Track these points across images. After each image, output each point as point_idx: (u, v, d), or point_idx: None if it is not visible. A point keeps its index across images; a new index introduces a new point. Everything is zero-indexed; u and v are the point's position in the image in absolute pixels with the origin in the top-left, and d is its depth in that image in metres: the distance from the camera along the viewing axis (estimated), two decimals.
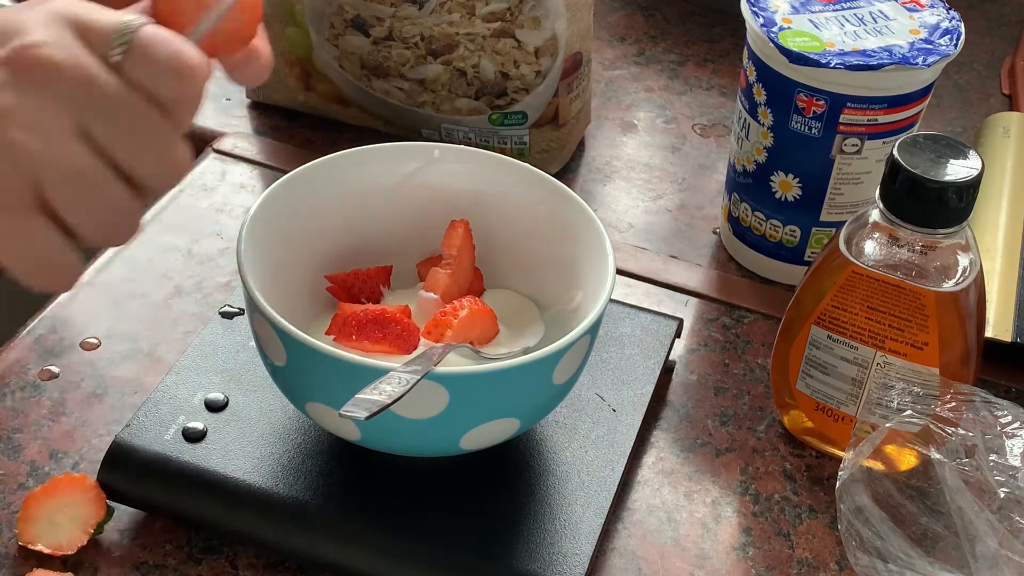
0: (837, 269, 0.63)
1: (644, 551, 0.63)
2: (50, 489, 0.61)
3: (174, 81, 0.46)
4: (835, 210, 0.76)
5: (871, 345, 0.64)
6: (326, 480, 0.61)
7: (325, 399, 0.57)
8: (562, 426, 0.65)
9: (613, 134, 0.94)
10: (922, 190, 0.59)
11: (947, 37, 0.72)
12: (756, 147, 0.76)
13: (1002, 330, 0.73)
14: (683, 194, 0.89)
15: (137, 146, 0.46)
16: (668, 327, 0.72)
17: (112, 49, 0.45)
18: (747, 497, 0.67)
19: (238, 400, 0.65)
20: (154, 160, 0.47)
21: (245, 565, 0.61)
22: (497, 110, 0.85)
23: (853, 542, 0.60)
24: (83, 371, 0.70)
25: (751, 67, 0.75)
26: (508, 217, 0.67)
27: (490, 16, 0.81)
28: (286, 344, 0.56)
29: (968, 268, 0.62)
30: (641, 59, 1.02)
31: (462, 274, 0.65)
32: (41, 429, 0.67)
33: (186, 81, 0.46)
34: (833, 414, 0.67)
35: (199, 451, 0.62)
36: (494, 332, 0.63)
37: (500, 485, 0.62)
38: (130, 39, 0.45)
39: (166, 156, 0.47)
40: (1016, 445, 0.61)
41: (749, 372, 0.74)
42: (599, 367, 0.69)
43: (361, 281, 0.65)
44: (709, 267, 0.82)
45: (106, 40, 0.46)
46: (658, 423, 0.70)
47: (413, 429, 0.56)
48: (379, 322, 0.59)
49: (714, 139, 0.94)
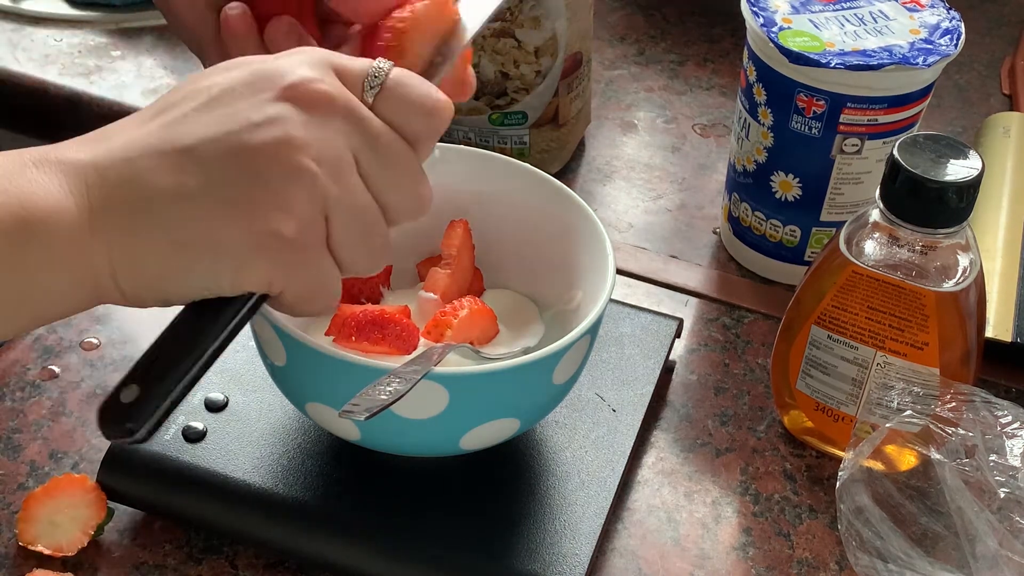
0: (837, 269, 0.63)
1: (644, 551, 0.63)
2: (50, 489, 0.61)
3: (425, 118, 0.49)
4: (835, 210, 0.76)
5: (871, 345, 0.64)
6: (326, 480, 0.61)
7: (325, 399, 0.57)
8: (562, 426, 0.65)
9: (613, 134, 0.94)
10: (922, 190, 0.59)
11: (947, 37, 0.72)
12: (756, 147, 0.76)
13: (1002, 330, 0.73)
14: (683, 194, 0.89)
15: (395, 180, 0.49)
16: (668, 327, 0.72)
17: (366, 92, 0.48)
18: (747, 497, 0.67)
19: (238, 400, 0.65)
20: (407, 194, 0.50)
21: (245, 565, 0.61)
22: (497, 110, 0.85)
23: (853, 542, 0.60)
24: (83, 371, 0.70)
25: (751, 67, 0.75)
26: (508, 217, 0.67)
27: None
28: (286, 344, 0.56)
29: (968, 268, 0.62)
30: (641, 59, 1.02)
31: (462, 274, 0.65)
32: (41, 429, 0.67)
33: (435, 118, 0.49)
34: (833, 414, 0.67)
35: (199, 451, 0.62)
36: (494, 332, 0.63)
37: (500, 485, 0.62)
38: (383, 80, 0.49)
39: (415, 189, 0.50)
40: (1016, 445, 0.61)
41: (749, 372, 0.74)
42: (599, 367, 0.69)
43: (361, 281, 0.65)
44: (709, 267, 0.82)
45: (360, 82, 0.49)
46: (658, 423, 0.70)
47: (413, 429, 0.56)
48: (378, 323, 0.59)
49: (714, 139, 0.94)
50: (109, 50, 0.98)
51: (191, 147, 0.46)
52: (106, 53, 0.98)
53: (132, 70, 0.96)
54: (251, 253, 0.46)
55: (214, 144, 0.46)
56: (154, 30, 1.01)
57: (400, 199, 0.49)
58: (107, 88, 0.94)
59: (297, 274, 0.47)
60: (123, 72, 0.96)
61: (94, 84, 0.95)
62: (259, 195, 0.46)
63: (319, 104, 0.47)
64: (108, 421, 0.46)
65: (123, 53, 0.98)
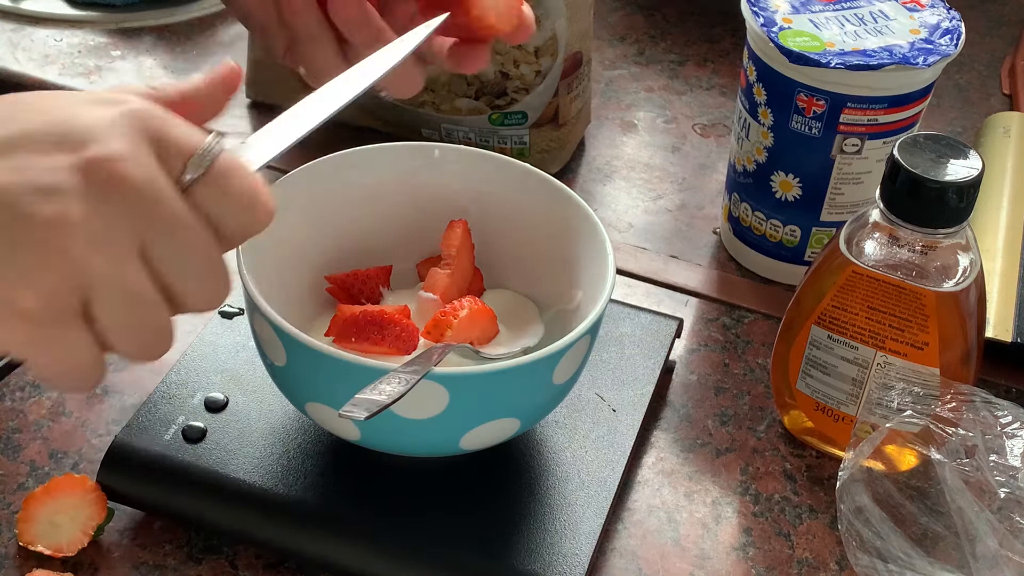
0: (837, 269, 0.63)
1: (644, 551, 0.63)
2: (51, 489, 0.61)
3: (242, 214, 0.46)
4: (835, 210, 0.76)
5: (871, 345, 0.64)
6: (326, 480, 0.61)
7: (325, 399, 0.57)
8: (562, 426, 0.65)
9: (613, 134, 0.94)
10: (922, 190, 0.59)
11: (947, 37, 0.72)
12: (756, 147, 0.76)
13: (1002, 330, 0.73)
14: (683, 194, 0.89)
15: (188, 270, 0.45)
16: (668, 327, 0.72)
17: (186, 172, 0.45)
18: (747, 497, 0.67)
19: (238, 400, 0.65)
20: (198, 287, 0.46)
21: (245, 565, 0.61)
22: (497, 110, 0.85)
23: (853, 542, 0.60)
24: None
25: (751, 67, 0.75)
26: (508, 217, 0.67)
27: None
28: (286, 344, 0.56)
29: (968, 268, 0.62)
30: (641, 59, 1.02)
31: (461, 274, 0.65)
32: (41, 429, 0.67)
33: (252, 216, 0.46)
34: (833, 414, 0.67)
35: (199, 451, 0.62)
36: (494, 332, 0.63)
37: (500, 485, 0.62)
38: (209, 164, 0.45)
39: (213, 281, 0.46)
40: (1016, 445, 0.61)
41: (749, 372, 0.74)
42: (599, 367, 0.69)
43: (361, 281, 0.65)
44: (709, 267, 0.82)
45: (183, 161, 0.45)
46: (658, 423, 0.70)
47: (413, 429, 0.56)
48: (378, 324, 0.59)
49: (714, 139, 0.94)
50: (109, 50, 0.98)
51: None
52: (106, 53, 0.98)
53: (132, 70, 0.96)
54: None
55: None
56: (154, 30, 1.01)
57: (192, 288, 0.46)
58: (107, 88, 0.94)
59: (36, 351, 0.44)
60: (123, 72, 0.96)
61: (94, 84, 0.94)
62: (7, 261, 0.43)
63: (111, 185, 0.43)
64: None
65: (123, 53, 0.98)
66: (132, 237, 0.44)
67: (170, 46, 0.99)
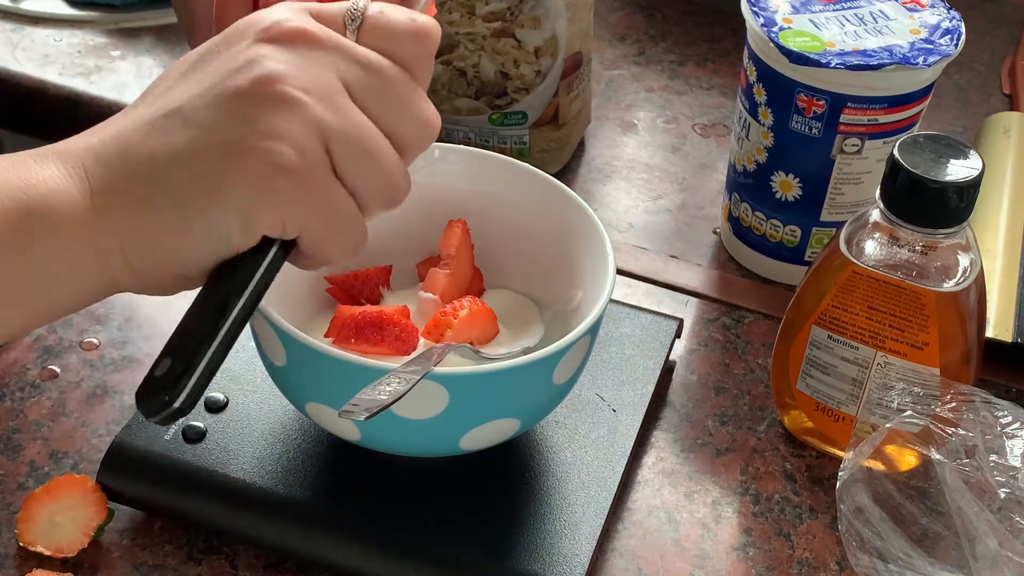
0: (837, 269, 0.63)
1: (644, 551, 0.63)
2: (51, 490, 0.61)
3: (413, 42, 0.49)
4: (835, 210, 0.76)
5: (871, 345, 0.64)
6: (326, 480, 0.61)
7: (325, 399, 0.57)
8: (562, 426, 0.65)
9: (613, 134, 0.94)
10: (922, 190, 0.59)
11: (947, 37, 0.72)
12: (756, 147, 0.76)
13: (1002, 330, 0.73)
14: (683, 194, 0.89)
15: (395, 104, 0.48)
16: (668, 327, 0.72)
17: (348, 29, 0.49)
18: (747, 497, 0.67)
19: (238, 400, 0.65)
20: (410, 117, 0.49)
21: (245, 565, 0.61)
22: (497, 110, 0.85)
23: (853, 542, 0.60)
24: (83, 371, 0.70)
25: (751, 67, 0.75)
26: (508, 217, 0.67)
27: (490, 16, 0.81)
28: (286, 344, 0.56)
29: (969, 268, 0.62)
30: (641, 59, 1.02)
31: (461, 274, 0.65)
32: (41, 429, 0.67)
33: (423, 40, 0.49)
34: (833, 414, 0.67)
35: (199, 451, 0.62)
36: (494, 332, 0.63)
37: (500, 485, 0.62)
38: (361, 17, 0.49)
39: (419, 113, 0.49)
40: (1016, 445, 0.61)
41: (749, 372, 0.74)
42: (599, 367, 0.69)
43: (360, 282, 0.65)
44: (709, 267, 0.82)
45: (340, 21, 0.49)
46: (658, 423, 0.70)
47: (413, 429, 0.56)
48: (377, 324, 0.59)
49: (714, 139, 0.94)
50: (109, 50, 0.98)
51: (176, 108, 0.46)
52: (106, 53, 0.98)
53: (132, 70, 0.96)
54: (254, 194, 0.45)
55: (198, 99, 0.46)
56: (154, 30, 1.01)
57: (403, 123, 0.49)
58: (107, 88, 0.94)
59: (308, 207, 0.47)
60: (123, 72, 0.96)
61: (94, 84, 0.94)
62: (248, 133, 0.45)
63: (298, 39, 0.47)
64: (145, 397, 0.46)
65: (123, 53, 0.98)
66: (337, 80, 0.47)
67: (170, 46, 0.99)
